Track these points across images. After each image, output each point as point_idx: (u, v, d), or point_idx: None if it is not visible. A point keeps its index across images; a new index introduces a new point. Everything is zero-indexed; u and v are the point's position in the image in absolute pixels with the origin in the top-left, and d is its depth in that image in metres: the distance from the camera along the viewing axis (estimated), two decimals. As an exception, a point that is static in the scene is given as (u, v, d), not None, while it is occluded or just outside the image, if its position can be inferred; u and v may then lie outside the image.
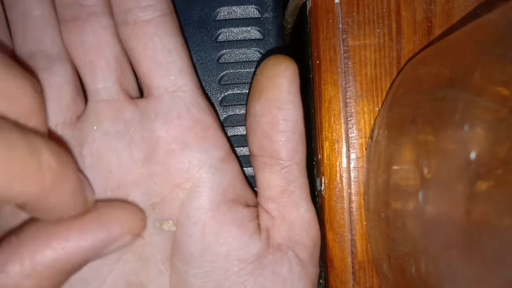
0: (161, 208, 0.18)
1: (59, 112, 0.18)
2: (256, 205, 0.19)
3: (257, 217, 0.18)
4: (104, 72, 0.17)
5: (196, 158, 0.17)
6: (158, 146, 0.17)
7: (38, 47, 0.18)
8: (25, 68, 0.17)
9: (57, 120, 0.18)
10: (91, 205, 0.16)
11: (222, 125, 0.19)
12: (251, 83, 0.21)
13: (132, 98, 0.18)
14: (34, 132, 0.13)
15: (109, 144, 0.17)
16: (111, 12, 0.18)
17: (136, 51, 0.17)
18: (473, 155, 0.12)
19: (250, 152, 0.19)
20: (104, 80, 0.17)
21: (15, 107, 0.14)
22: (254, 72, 0.21)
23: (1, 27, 0.18)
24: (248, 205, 0.18)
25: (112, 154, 0.17)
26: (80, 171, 0.17)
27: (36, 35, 0.18)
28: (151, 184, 0.17)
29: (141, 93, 0.19)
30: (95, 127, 0.17)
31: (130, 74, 0.18)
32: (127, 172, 0.17)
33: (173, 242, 0.18)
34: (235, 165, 0.18)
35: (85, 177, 0.17)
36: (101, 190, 0.17)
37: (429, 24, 0.20)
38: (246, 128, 0.18)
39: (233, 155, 0.18)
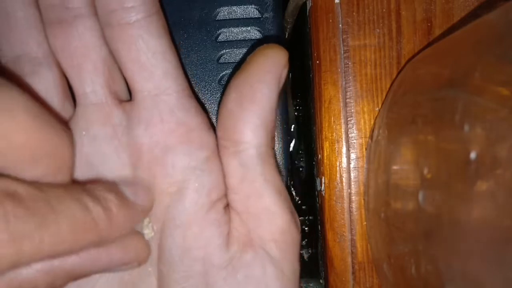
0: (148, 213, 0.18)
1: None
2: None
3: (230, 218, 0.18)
4: (91, 75, 0.17)
5: (180, 161, 0.17)
6: (142, 152, 0.17)
7: (23, 50, 0.17)
8: (11, 75, 0.17)
9: None
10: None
11: (212, 124, 0.19)
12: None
13: (121, 101, 0.18)
14: (78, 189, 0.14)
15: (97, 149, 0.17)
16: (96, 14, 0.17)
17: (120, 53, 0.17)
18: (473, 155, 0.12)
19: (217, 135, 0.18)
20: (92, 84, 0.17)
21: (54, 165, 0.14)
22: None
23: None
24: (225, 206, 0.18)
25: (101, 159, 0.17)
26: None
27: (20, 38, 0.17)
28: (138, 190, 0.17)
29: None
30: (84, 132, 0.17)
31: (118, 76, 0.18)
32: (116, 176, 0.17)
33: (159, 246, 0.17)
34: (219, 163, 0.18)
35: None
36: None
37: (429, 24, 0.20)
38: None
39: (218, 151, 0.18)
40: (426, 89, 0.16)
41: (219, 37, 0.21)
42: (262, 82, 0.16)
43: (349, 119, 0.20)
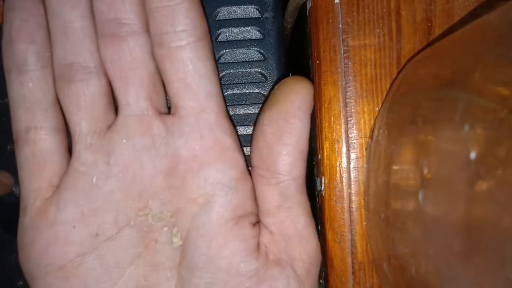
0: (174, 219, 0.19)
1: (91, 121, 0.18)
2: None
3: (260, 233, 0.19)
4: (136, 88, 0.18)
5: (212, 176, 0.18)
6: (179, 162, 0.18)
7: (76, 58, 0.18)
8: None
9: (89, 129, 0.18)
10: None
11: (241, 144, 0.20)
12: (251, 83, 0.21)
13: (160, 112, 0.19)
14: None
15: (135, 157, 0.18)
16: (148, 30, 0.18)
17: (168, 72, 0.18)
18: (473, 155, 0.12)
19: (251, 164, 0.19)
20: (136, 96, 0.18)
21: None
22: (254, 72, 0.21)
23: (43, 36, 0.19)
24: (253, 222, 0.19)
25: (137, 166, 0.18)
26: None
27: (75, 47, 0.18)
28: (169, 196, 0.18)
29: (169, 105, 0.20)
30: (124, 140, 0.18)
31: (161, 90, 0.19)
32: (148, 183, 0.18)
33: (181, 252, 0.19)
34: (248, 184, 0.19)
35: None
36: (123, 198, 0.18)
37: (429, 24, 0.20)
38: (252, 139, 0.19)
39: (248, 174, 0.19)
40: (426, 89, 0.16)
41: (219, 37, 0.21)
42: (296, 118, 0.18)
43: (349, 119, 0.20)
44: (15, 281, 0.24)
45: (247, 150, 0.21)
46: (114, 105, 0.19)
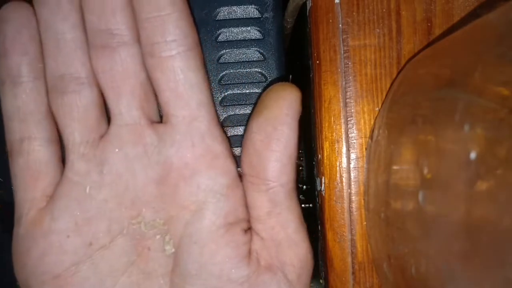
0: (167, 226, 0.19)
1: (84, 132, 0.19)
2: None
3: (251, 240, 0.19)
4: (128, 98, 0.18)
5: (204, 184, 0.18)
6: (171, 170, 0.18)
7: (68, 70, 0.18)
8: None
9: (82, 139, 0.19)
10: None
11: (230, 144, 0.20)
12: (251, 83, 0.21)
13: (152, 121, 0.19)
14: None
15: (128, 166, 0.18)
16: (139, 41, 0.18)
17: (159, 81, 0.18)
18: (473, 155, 0.12)
19: (241, 170, 0.19)
20: (128, 105, 0.18)
21: None
22: (254, 72, 0.21)
23: (35, 48, 0.19)
24: (245, 229, 0.19)
25: (130, 175, 0.18)
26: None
27: (67, 59, 0.18)
28: (161, 204, 0.19)
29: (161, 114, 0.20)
30: (117, 150, 0.18)
31: (152, 99, 0.19)
32: (141, 192, 0.18)
33: (174, 259, 0.19)
34: (239, 191, 0.19)
35: None
36: (116, 206, 0.19)
37: (429, 24, 0.20)
38: (242, 145, 0.19)
39: (239, 181, 0.19)
40: (426, 89, 0.16)
41: (219, 37, 0.21)
42: (284, 124, 0.18)
43: (349, 119, 0.20)
44: (15, 281, 0.24)
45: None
46: (107, 114, 0.19)
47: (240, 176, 0.19)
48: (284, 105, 0.18)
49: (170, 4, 0.17)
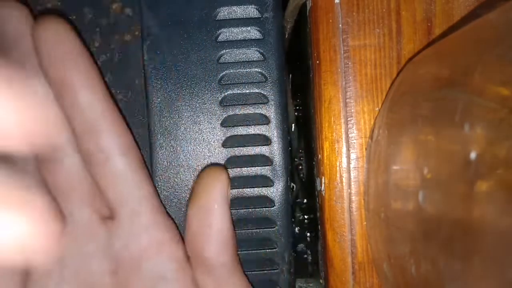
0: None
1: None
2: None
3: None
4: (78, 202, 0.20)
5: (153, 271, 0.20)
6: (123, 262, 0.20)
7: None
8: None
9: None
10: None
11: (179, 229, 0.21)
12: (251, 83, 0.21)
13: (103, 216, 0.20)
14: None
15: (85, 262, 0.20)
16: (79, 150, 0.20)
17: (100, 183, 0.19)
18: (473, 155, 0.12)
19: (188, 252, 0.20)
20: (78, 209, 0.20)
21: None
22: (254, 72, 0.21)
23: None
24: None
25: (87, 269, 0.20)
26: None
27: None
28: None
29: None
30: (74, 247, 0.20)
31: (101, 196, 0.21)
32: (98, 283, 0.20)
33: None
34: (188, 273, 0.20)
35: None
36: None
37: (429, 24, 0.20)
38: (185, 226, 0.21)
39: (188, 264, 0.20)
40: (426, 89, 0.16)
41: (219, 37, 0.21)
42: (214, 211, 0.20)
43: (349, 119, 0.20)
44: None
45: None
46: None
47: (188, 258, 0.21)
48: (213, 192, 0.20)
49: (101, 117, 0.19)
